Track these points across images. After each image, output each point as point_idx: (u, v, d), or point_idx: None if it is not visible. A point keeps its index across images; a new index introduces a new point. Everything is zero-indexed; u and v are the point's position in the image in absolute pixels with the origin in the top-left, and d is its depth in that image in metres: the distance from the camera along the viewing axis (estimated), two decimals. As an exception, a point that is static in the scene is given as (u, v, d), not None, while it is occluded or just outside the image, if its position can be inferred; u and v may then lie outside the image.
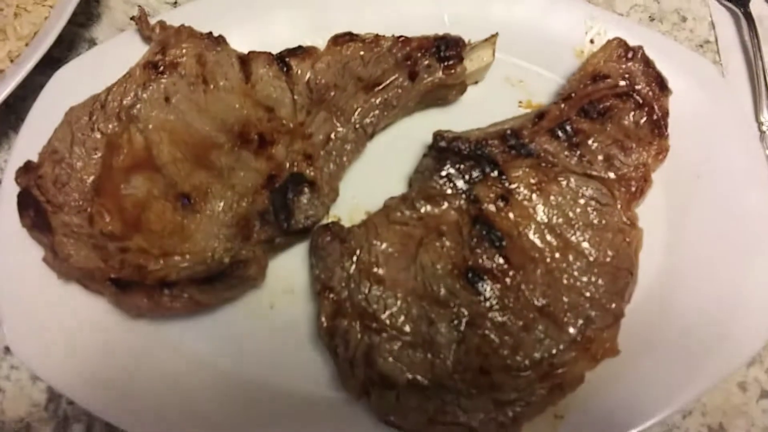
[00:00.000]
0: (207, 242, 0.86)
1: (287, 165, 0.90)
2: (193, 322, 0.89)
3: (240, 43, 0.97)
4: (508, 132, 0.92)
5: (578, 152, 0.91)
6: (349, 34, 0.98)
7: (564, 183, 0.89)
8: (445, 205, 0.89)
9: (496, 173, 0.89)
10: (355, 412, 0.83)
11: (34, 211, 0.85)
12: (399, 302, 0.83)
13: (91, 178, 0.89)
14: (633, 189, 0.91)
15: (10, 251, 0.88)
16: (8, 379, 0.91)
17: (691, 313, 0.89)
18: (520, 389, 0.81)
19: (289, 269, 0.92)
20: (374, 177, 0.97)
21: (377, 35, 0.98)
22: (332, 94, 0.95)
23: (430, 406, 0.80)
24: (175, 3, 1.10)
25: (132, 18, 0.95)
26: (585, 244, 0.87)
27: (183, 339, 0.87)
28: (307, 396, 0.85)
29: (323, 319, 0.83)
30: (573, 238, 0.87)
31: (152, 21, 0.96)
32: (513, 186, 0.89)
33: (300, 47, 0.97)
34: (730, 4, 1.14)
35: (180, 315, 0.87)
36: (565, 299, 0.84)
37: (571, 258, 0.87)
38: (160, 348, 0.86)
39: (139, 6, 0.96)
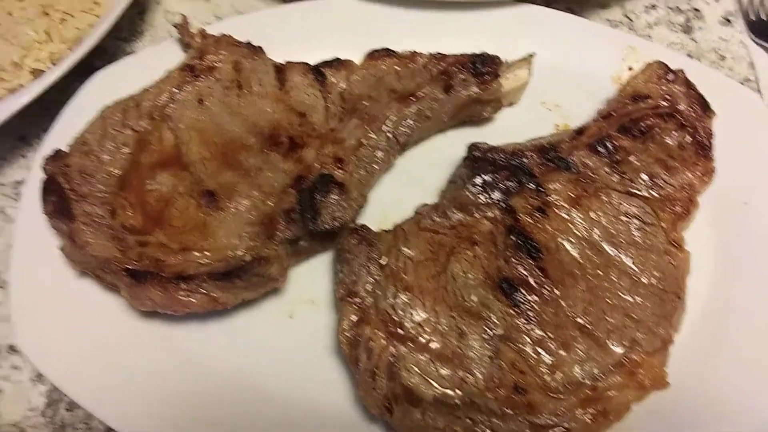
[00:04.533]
0: (229, 239, 0.82)
1: (317, 167, 0.87)
2: (208, 326, 0.84)
3: (277, 58, 0.98)
4: (546, 145, 0.89)
5: (619, 169, 0.87)
6: (386, 49, 0.98)
7: (605, 199, 0.85)
8: (479, 214, 0.85)
9: (533, 185, 0.85)
10: (375, 430, 0.76)
11: (57, 197, 0.83)
12: (427, 311, 0.78)
13: (118, 171, 0.87)
14: (678, 210, 0.86)
15: (28, 245, 0.85)
16: (8, 380, 0.86)
17: (748, 345, 0.81)
18: (560, 413, 0.73)
19: (312, 278, 0.88)
20: (405, 190, 0.94)
21: (414, 52, 0.98)
22: (365, 104, 0.94)
23: (459, 427, 0.72)
24: (216, 16, 1.12)
25: (174, 25, 0.97)
26: (629, 263, 0.82)
27: (196, 343, 0.82)
28: (324, 411, 0.78)
29: (345, 325, 0.78)
30: (615, 256, 0.82)
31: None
32: (551, 198, 0.85)
33: (337, 59, 0.97)
34: None
35: (195, 317, 0.83)
36: (609, 319, 0.78)
37: (613, 276, 0.81)
38: (172, 351, 0.81)
39: (183, 14, 0.99)
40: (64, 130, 0.92)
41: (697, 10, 1.15)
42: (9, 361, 0.87)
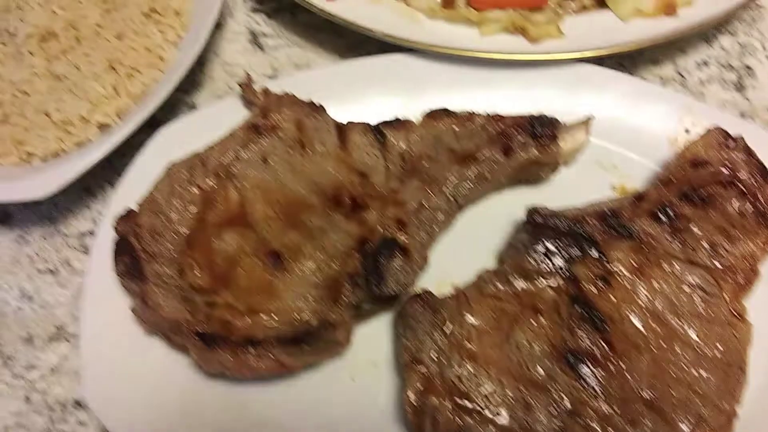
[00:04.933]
0: (295, 302, 0.83)
1: (380, 230, 0.89)
2: (272, 388, 0.85)
3: (335, 116, 0.99)
4: (607, 212, 0.90)
5: (681, 238, 0.87)
6: (444, 110, 0.99)
7: (667, 268, 0.85)
8: (542, 282, 0.85)
9: (595, 253, 0.86)
10: (439, 500, 0.76)
11: (129, 258, 0.85)
12: (493, 382, 0.78)
13: (186, 230, 0.89)
14: (740, 280, 0.86)
15: (99, 302, 0.87)
16: (72, 436, 0.87)
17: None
18: (628, 491, 0.73)
19: (372, 340, 0.89)
20: (462, 250, 0.95)
21: (471, 112, 0.99)
22: (425, 164, 0.95)
23: (526, 502, 0.73)
24: (274, 77, 1.15)
25: (239, 84, 0.99)
26: (692, 335, 0.82)
27: (260, 404, 0.83)
28: (387, 478, 0.79)
29: (410, 393, 0.79)
30: (679, 328, 0.82)
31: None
32: (614, 267, 0.85)
33: (397, 119, 0.98)
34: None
35: (260, 378, 0.84)
36: (674, 393, 0.78)
37: (677, 348, 0.81)
38: (237, 412, 0.82)
39: (246, 72, 1.01)
40: (130, 186, 0.94)
41: (749, 67, 1.15)
42: (75, 417, 0.89)
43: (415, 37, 1.05)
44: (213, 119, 1.01)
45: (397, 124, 0.98)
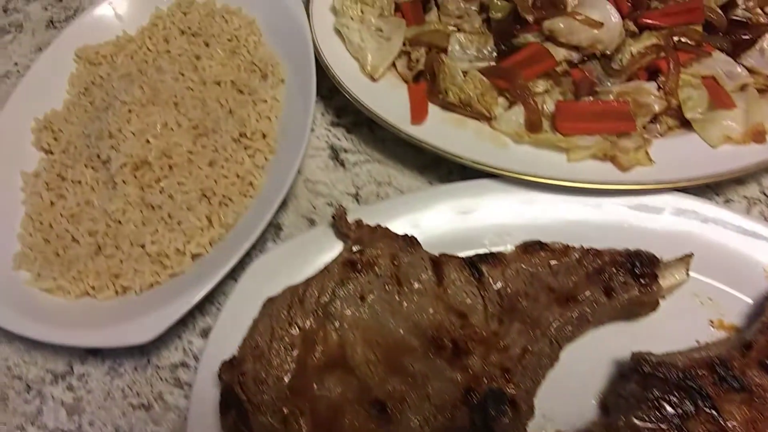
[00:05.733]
0: (404, 459, 0.82)
1: (484, 379, 0.87)
2: None
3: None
4: (717, 361, 0.88)
5: (794, 390, 0.86)
6: (538, 242, 0.99)
7: (782, 424, 0.83)
8: (656, 439, 0.83)
9: (708, 408, 0.84)
10: None
11: (237, 411, 0.84)
12: None
13: (288, 376, 0.88)
14: None
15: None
16: None
17: None
18: None
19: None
20: (561, 390, 0.94)
21: (566, 245, 0.99)
22: (523, 303, 0.94)
23: None
24: (356, 195, 1.15)
25: (332, 216, 0.99)
26: (813, 500, 0.79)
27: None
28: None
29: None
30: (799, 490, 0.80)
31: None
32: (728, 424, 0.83)
33: (491, 254, 0.98)
34: None
35: None
36: None
37: None
38: None
39: (340, 205, 1.02)
40: (227, 323, 0.94)
41: (834, 186, 1.15)
42: None
43: (501, 163, 1.06)
44: (304, 248, 1.01)
45: (493, 259, 0.97)
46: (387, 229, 1.00)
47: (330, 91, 1.23)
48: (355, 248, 0.99)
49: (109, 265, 0.97)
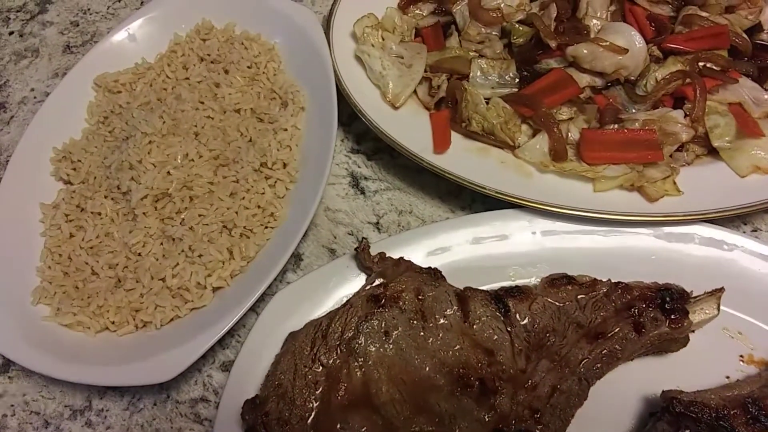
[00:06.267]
0: (434, 504, 0.80)
1: (513, 420, 0.85)
2: None
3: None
4: (749, 400, 0.86)
5: (830, 431, 0.83)
6: (565, 276, 0.97)
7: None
8: (690, 482, 0.81)
9: (744, 450, 0.82)
10: None
11: (260, 453, 0.82)
12: None
13: (312, 415, 0.86)
14: None
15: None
16: None
17: None
18: None
19: None
20: (589, 430, 0.91)
21: (594, 279, 0.97)
22: (551, 339, 0.92)
23: None
24: (377, 223, 1.14)
25: (355, 249, 0.98)
26: None
27: None
28: None
29: None
30: None
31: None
32: (765, 466, 0.81)
33: (517, 287, 0.96)
34: None
35: None
36: None
37: None
38: None
39: (364, 238, 1.00)
40: (248, 357, 0.93)
41: None
42: None
43: (525, 193, 1.04)
44: (325, 281, 1.00)
45: (519, 294, 0.95)
46: (411, 262, 0.98)
47: (349, 117, 1.22)
48: (378, 281, 0.98)
49: (129, 300, 0.96)
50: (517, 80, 1.18)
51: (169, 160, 1.04)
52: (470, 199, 1.14)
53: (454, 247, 1.03)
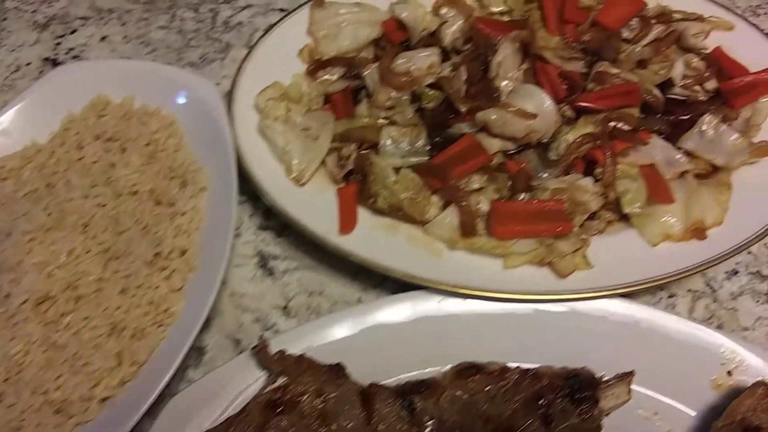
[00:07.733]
0: None
1: None
2: None
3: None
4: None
5: None
6: (474, 365, 0.93)
7: None
8: None
9: None
10: None
11: None
12: None
13: None
14: None
15: None
16: None
17: None
18: None
19: None
20: None
21: (503, 366, 0.93)
22: (459, 437, 0.88)
23: None
24: (285, 308, 1.08)
25: (253, 348, 0.93)
26: None
27: None
28: None
29: None
30: None
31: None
32: None
33: (424, 382, 0.92)
34: None
35: None
36: None
37: None
38: None
39: (261, 336, 0.94)
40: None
41: (780, 274, 1.11)
42: None
43: (434, 275, 1.00)
44: (228, 380, 0.94)
45: (425, 389, 0.91)
46: (312, 360, 0.93)
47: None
48: (280, 380, 0.93)
49: (9, 419, 0.89)
50: (428, 147, 1.15)
51: (53, 259, 0.97)
52: (381, 278, 1.10)
53: (361, 336, 0.98)
